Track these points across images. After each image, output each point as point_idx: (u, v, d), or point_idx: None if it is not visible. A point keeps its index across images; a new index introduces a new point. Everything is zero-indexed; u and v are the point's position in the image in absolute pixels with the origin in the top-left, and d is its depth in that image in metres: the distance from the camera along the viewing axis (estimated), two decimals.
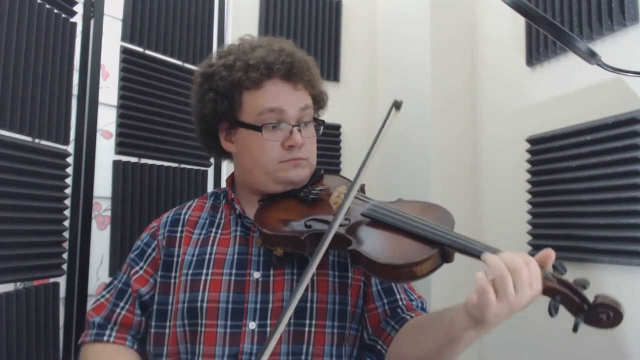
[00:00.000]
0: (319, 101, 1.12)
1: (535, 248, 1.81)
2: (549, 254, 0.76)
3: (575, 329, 0.72)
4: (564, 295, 0.73)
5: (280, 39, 1.10)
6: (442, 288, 1.86)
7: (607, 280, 1.54)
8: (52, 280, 1.47)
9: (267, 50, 1.02)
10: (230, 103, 1.02)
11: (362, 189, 1.06)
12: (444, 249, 0.81)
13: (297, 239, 0.91)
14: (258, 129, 0.99)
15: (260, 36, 1.14)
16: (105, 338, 1.00)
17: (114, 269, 1.69)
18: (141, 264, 1.05)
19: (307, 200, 1.02)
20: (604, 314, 0.71)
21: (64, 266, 1.51)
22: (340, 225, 0.89)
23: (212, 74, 1.04)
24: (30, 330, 1.35)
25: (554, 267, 0.77)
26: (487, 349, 2.02)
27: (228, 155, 1.13)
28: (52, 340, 1.43)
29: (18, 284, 1.39)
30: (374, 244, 0.86)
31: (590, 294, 0.75)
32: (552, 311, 0.72)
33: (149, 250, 1.06)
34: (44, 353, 1.39)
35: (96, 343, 1.00)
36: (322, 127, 1.09)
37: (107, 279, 1.71)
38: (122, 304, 1.03)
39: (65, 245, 1.52)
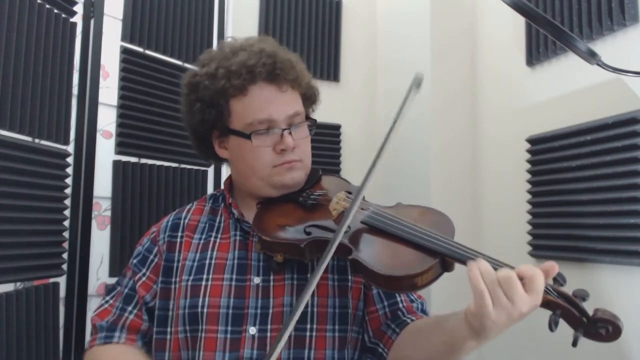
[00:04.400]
0: (310, 97, 1.10)
1: (535, 248, 1.81)
2: (552, 267, 0.75)
3: (574, 344, 0.72)
4: (564, 309, 0.73)
5: (263, 38, 1.08)
6: (443, 291, 1.86)
7: (607, 280, 1.54)
8: (52, 280, 1.47)
9: (248, 53, 1.00)
10: (218, 112, 1.01)
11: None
12: (445, 259, 0.81)
13: (297, 246, 0.90)
14: (248, 136, 0.98)
15: (246, 37, 1.10)
16: (115, 340, 0.99)
17: (114, 269, 1.69)
18: (144, 270, 1.04)
19: (306, 205, 1.01)
20: (603, 329, 0.71)
21: (64, 266, 1.51)
22: None
23: (196, 83, 1.03)
24: (30, 330, 1.35)
25: (554, 279, 0.76)
26: (487, 348, 2.02)
27: (225, 160, 1.12)
28: (52, 340, 1.43)
29: (18, 284, 1.39)
30: (374, 253, 0.86)
31: (590, 294, 0.74)
32: (552, 325, 0.72)
33: (151, 257, 1.05)
34: (44, 353, 1.39)
35: (105, 345, 0.99)
36: (314, 126, 1.08)
37: (107, 279, 1.71)
38: (130, 309, 1.02)
39: (65, 245, 1.52)
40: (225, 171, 2.10)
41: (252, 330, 0.93)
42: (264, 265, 0.98)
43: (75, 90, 1.58)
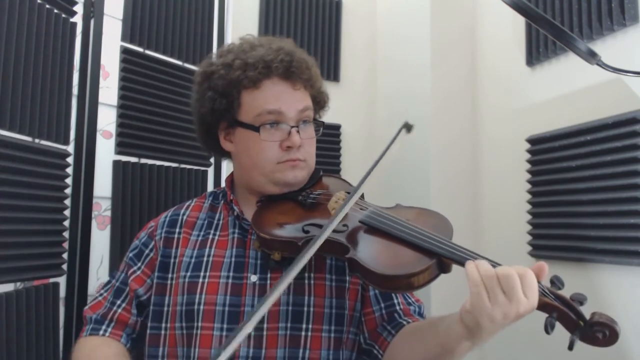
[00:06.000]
0: (319, 101, 1.12)
1: (535, 248, 1.81)
2: (542, 267, 0.75)
3: (570, 347, 0.71)
4: (560, 312, 0.72)
5: (282, 39, 1.09)
6: (442, 293, 1.86)
7: (607, 280, 1.54)
8: (52, 280, 1.47)
9: (267, 49, 1.02)
10: (229, 102, 1.02)
11: (361, 194, 1.05)
12: (442, 260, 0.81)
13: (295, 244, 0.90)
14: (256, 129, 0.99)
15: (262, 36, 1.12)
16: (101, 332, 1.01)
17: (114, 269, 1.68)
18: (139, 264, 1.05)
19: (306, 204, 1.01)
20: (600, 333, 0.70)
21: (64, 266, 1.51)
22: (339, 232, 0.89)
23: (211, 72, 1.04)
24: (30, 330, 1.35)
25: (552, 281, 0.76)
26: (488, 350, 2.02)
27: (228, 155, 1.12)
28: (52, 340, 1.43)
29: (18, 284, 1.39)
30: (372, 252, 0.86)
31: (590, 294, 0.74)
32: (549, 328, 0.71)
33: (147, 251, 1.06)
34: (44, 353, 1.39)
35: (90, 336, 1.01)
36: (321, 129, 1.09)
37: (107, 279, 1.71)
38: (119, 302, 1.03)
39: (65, 245, 1.52)
40: (226, 171, 2.10)
41: None
42: (262, 263, 0.98)
43: (75, 90, 1.58)
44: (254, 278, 0.97)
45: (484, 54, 2.19)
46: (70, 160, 1.54)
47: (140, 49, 1.80)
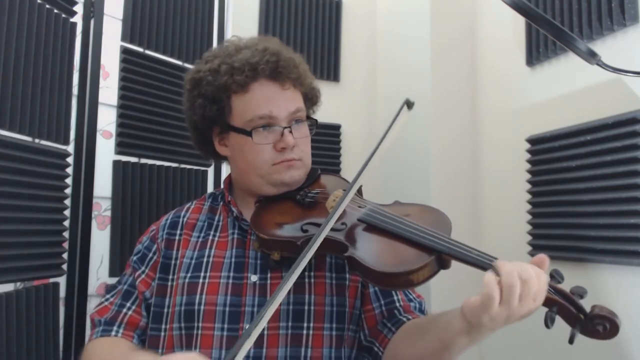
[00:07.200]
0: (311, 98, 1.11)
1: (535, 248, 1.81)
2: (543, 260, 0.75)
3: (571, 341, 0.71)
4: (560, 306, 0.73)
5: (267, 38, 1.09)
6: (443, 289, 1.86)
7: (607, 280, 1.54)
8: (52, 280, 1.47)
9: (252, 51, 1.02)
10: (219, 108, 1.02)
11: (359, 191, 1.04)
12: (441, 256, 0.81)
13: (294, 244, 0.91)
14: (248, 133, 0.99)
15: (250, 37, 1.11)
16: (112, 333, 0.99)
17: (114, 269, 1.69)
18: (143, 267, 1.05)
19: (304, 203, 1.01)
20: (600, 326, 0.70)
21: (64, 266, 1.51)
22: (337, 231, 0.89)
23: (199, 79, 1.04)
24: (30, 330, 1.35)
25: (551, 275, 0.76)
26: (487, 347, 2.02)
27: (225, 158, 1.13)
28: (52, 340, 1.43)
29: (18, 284, 1.39)
30: (371, 250, 0.86)
31: (590, 294, 0.74)
32: (549, 322, 0.71)
33: (150, 254, 1.06)
34: (44, 353, 1.39)
35: (102, 337, 1.00)
36: (315, 126, 1.08)
37: (107, 279, 1.71)
38: (128, 305, 1.02)
39: (65, 245, 1.52)
40: (225, 171, 2.10)
41: None
42: (262, 263, 0.99)
43: (75, 90, 1.58)
44: (254, 278, 0.97)
45: (484, 54, 2.19)
46: (70, 160, 1.54)
47: (140, 49, 1.80)
